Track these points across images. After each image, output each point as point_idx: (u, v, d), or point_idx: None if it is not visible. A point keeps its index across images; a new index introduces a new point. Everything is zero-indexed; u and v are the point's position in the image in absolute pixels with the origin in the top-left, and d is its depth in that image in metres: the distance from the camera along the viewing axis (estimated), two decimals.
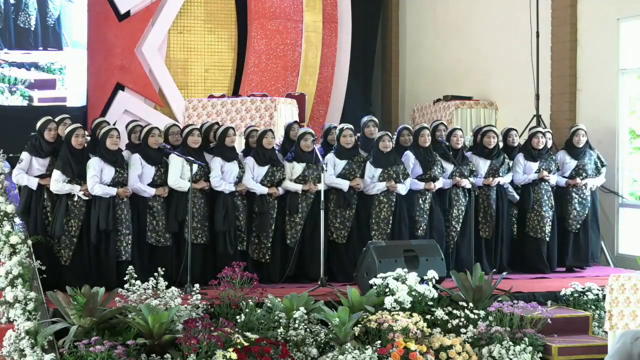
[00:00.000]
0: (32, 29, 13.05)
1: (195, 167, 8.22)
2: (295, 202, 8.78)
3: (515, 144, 9.80)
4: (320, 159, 8.53)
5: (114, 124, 9.32)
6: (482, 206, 9.43)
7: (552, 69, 11.27)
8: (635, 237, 10.21)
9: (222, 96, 12.70)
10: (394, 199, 8.96)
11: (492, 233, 9.43)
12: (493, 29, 12.67)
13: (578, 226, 9.68)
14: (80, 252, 8.16)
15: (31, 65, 13.07)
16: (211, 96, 12.78)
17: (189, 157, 8.22)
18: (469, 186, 9.13)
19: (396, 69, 14.93)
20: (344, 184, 8.91)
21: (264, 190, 8.75)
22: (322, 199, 8.45)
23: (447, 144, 9.33)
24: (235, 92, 13.99)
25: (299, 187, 8.77)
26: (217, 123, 9.34)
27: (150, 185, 8.41)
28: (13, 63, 12.99)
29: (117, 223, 8.18)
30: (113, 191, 8.17)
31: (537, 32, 11.18)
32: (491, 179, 9.40)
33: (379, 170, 8.95)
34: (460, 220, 9.25)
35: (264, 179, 8.79)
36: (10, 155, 9.45)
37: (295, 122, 9.69)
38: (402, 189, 8.99)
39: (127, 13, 13.79)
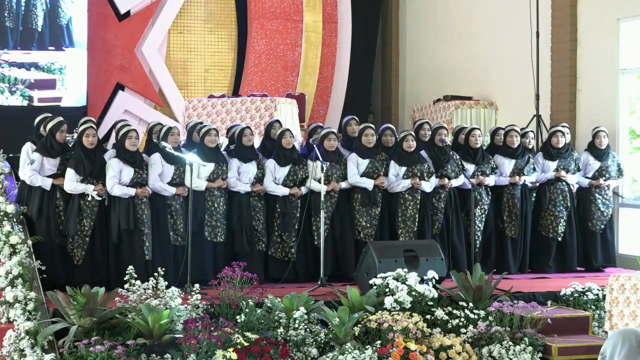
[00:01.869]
0: (39, 29, 13.06)
1: (204, 167, 8.25)
2: (319, 202, 8.75)
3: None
4: (320, 158, 8.52)
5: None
6: (507, 205, 9.44)
7: (552, 69, 11.27)
8: (635, 237, 10.21)
9: (222, 96, 12.71)
10: (419, 197, 8.99)
11: (519, 232, 9.45)
12: (493, 29, 12.67)
13: (602, 226, 9.69)
14: (93, 252, 8.17)
15: (31, 65, 13.08)
16: (211, 96, 12.79)
17: (186, 157, 8.22)
18: (492, 184, 9.22)
19: (396, 69, 14.94)
20: (369, 183, 8.93)
21: (285, 191, 8.76)
22: (322, 199, 8.45)
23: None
24: (235, 92, 14.00)
25: (322, 188, 8.69)
26: (200, 122, 9.33)
27: (169, 184, 8.43)
28: (13, 63, 12.99)
29: (139, 223, 8.20)
30: (132, 191, 8.19)
31: (537, 32, 11.19)
32: (517, 177, 9.40)
33: (404, 169, 8.97)
34: (483, 220, 9.27)
35: (287, 178, 8.80)
36: (11, 155, 9.45)
37: (277, 120, 9.62)
38: (427, 186, 9.02)
39: (127, 13, 13.80)
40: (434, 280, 7.57)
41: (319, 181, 8.67)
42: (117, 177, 8.17)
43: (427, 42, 14.24)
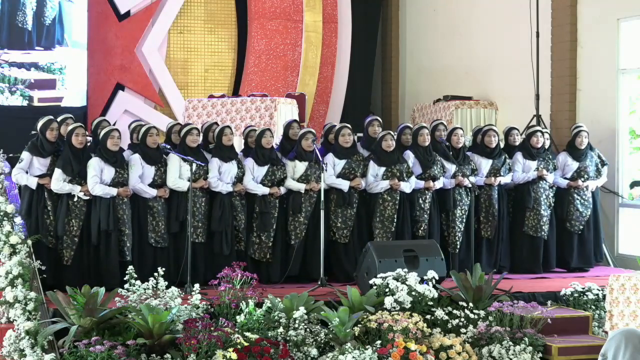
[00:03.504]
0: (29, 28, 13.04)
1: (194, 166, 8.23)
2: (298, 202, 8.77)
3: (517, 143, 9.79)
4: (320, 158, 8.53)
5: (114, 124, 9.33)
6: (484, 206, 9.43)
7: (552, 69, 11.27)
8: (635, 237, 10.21)
9: (222, 96, 12.70)
10: (398, 198, 8.96)
11: (495, 233, 9.43)
12: (493, 29, 12.67)
13: (581, 227, 9.67)
14: (81, 252, 8.17)
15: (31, 65, 13.06)
16: (211, 96, 12.79)
17: (188, 157, 8.24)
18: (470, 185, 9.14)
19: (396, 69, 14.93)
20: (344, 184, 8.91)
21: (265, 190, 8.75)
22: (322, 198, 8.45)
23: (447, 143, 9.32)
24: (235, 92, 13.99)
25: (301, 187, 8.77)
26: (215, 123, 9.35)
27: (151, 185, 8.42)
28: (13, 63, 12.98)
29: (119, 223, 8.19)
30: (114, 191, 8.18)
31: (537, 32, 11.19)
32: (493, 178, 9.40)
33: (383, 169, 8.95)
34: (464, 220, 9.25)
35: (265, 178, 8.79)
36: (10, 155, 9.44)
37: (295, 120, 9.67)
38: (406, 187, 8.99)
39: (127, 13, 13.79)
40: (434, 280, 7.57)
41: (301, 180, 8.74)
42: (99, 177, 8.15)
43: (427, 42, 14.23)
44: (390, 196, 8.96)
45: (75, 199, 8.13)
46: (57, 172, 8.13)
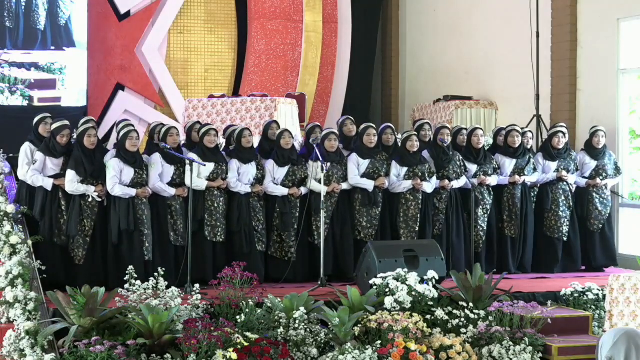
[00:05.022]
0: (42, 29, 13.06)
1: (204, 167, 8.28)
2: (319, 202, 8.75)
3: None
4: (320, 158, 8.52)
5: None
6: (507, 205, 9.45)
7: (552, 69, 11.28)
8: (635, 237, 10.21)
9: (222, 96, 12.71)
10: (421, 197, 8.99)
11: (518, 232, 9.45)
12: (493, 29, 12.67)
13: (600, 226, 9.69)
14: (94, 252, 8.18)
15: (31, 65, 13.08)
16: (211, 96, 12.80)
17: (188, 157, 8.24)
18: (494, 183, 9.24)
19: (396, 69, 14.94)
20: (369, 184, 8.94)
21: (284, 191, 8.77)
22: (322, 199, 8.45)
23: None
24: (235, 92, 14.00)
25: (323, 189, 8.69)
26: (198, 122, 9.35)
27: (169, 184, 8.44)
28: (13, 63, 12.99)
29: (139, 223, 8.20)
30: (133, 192, 8.19)
31: (537, 32, 11.19)
32: (517, 177, 9.41)
33: (405, 169, 8.98)
34: (486, 220, 9.27)
35: (285, 179, 8.80)
36: (11, 155, 9.44)
37: (274, 121, 9.64)
38: (428, 187, 9.03)
39: (127, 13, 13.80)
40: (434, 280, 7.56)
41: (320, 181, 8.68)
42: (118, 177, 8.17)
43: (427, 42, 14.24)
44: (412, 196, 9.00)
45: (90, 199, 8.14)
46: (70, 173, 8.13)
